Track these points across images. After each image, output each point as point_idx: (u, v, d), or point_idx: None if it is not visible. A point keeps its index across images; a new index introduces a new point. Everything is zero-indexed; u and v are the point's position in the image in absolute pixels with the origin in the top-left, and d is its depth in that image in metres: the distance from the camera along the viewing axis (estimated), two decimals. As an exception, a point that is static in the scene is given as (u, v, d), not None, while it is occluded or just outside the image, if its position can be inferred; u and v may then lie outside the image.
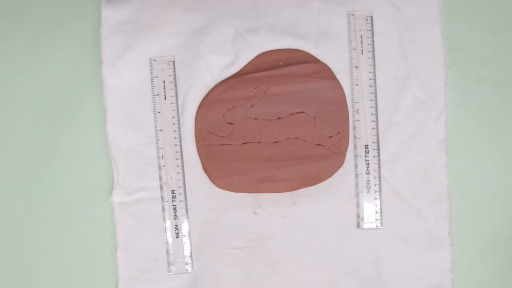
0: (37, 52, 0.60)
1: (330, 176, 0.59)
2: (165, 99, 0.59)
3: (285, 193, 0.59)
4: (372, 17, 0.58)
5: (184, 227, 0.59)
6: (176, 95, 0.59)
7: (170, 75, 0.59)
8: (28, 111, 0.60)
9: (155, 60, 0.59)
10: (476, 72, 0.59)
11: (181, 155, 0.59)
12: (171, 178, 0.59)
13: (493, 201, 0.59)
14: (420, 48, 0.58)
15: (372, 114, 0.59)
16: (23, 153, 0.60)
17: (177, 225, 0.59)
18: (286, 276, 0.59)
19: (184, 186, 0.59)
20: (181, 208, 0.59)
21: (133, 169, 0.59)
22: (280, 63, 0.58)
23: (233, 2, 0.59)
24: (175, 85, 0.59)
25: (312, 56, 0.58)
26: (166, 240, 0.59)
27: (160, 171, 0.59)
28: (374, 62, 0.58)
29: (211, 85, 0.59)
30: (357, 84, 0.58)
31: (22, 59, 0.60)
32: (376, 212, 0.59)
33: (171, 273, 0.59)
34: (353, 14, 0.58)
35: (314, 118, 0.58)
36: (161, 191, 0.59)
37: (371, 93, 0.58)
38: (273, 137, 0.59)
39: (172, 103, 0.59)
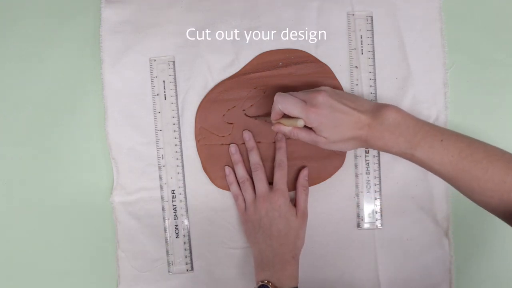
0: (37, 52, 0.60)
1: (330, 176, 0.59)
2: (165, 99, 0.59)
3: (285, 193, 0.59)
4: (372, 17, 0.58)
5: (184, 227, 0.59)
6: (176, 95, 0.59)
7: (170, 75, 0.59)
8: (28, 111, 0.60)
9: (155, 60, 0.59)
10: (476, 72, 0.59)
11: (181, 155, 0.59)
12: (171, 178, 0.59)
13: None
14: (420, 48, 0.58)
15: (372, 114, 0.58)
16: (23, 153, 0.60)
17: (177, 225, 0.59)
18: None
19: (184, 186, 0.59)
20: (181, 208, 0.59)
21: (133, 169, 0.59)
22: (280, 63, 0.58)
23: (233, 2, 0.59)
24: (175, 85, 0.59)
25: (312, 56, 0.58)
26: (166, 240, 0.59)
27: (160, 171, 0.59)
28: (374, 62, 0.58)
29: (211, 85, 0.59)
30: (357, 84, 0.58)
31: (22, 60, 0.60)
32: (376, 212, 0.59)
33: (171, 273, 0.60)
34: (353, 14, 0.58)
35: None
36: (161, 191, 0.59)
37: (371, 93, 0.58)
38: (273, 137, 0.59)
39: (172, 103, 0.59)
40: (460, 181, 0.46)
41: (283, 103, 0.50)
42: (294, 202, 0.57)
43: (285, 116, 0.52)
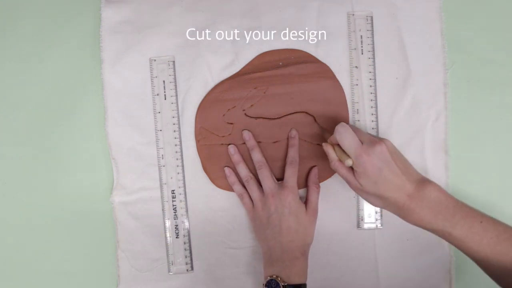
0: (37, 53, 0.60)
1: (330, 176, 0.59)
2: (165, 99, 0.59)
3: (285, 193, 0.59)
4: (372, 17, 0.58)
5: (184, 227, 0.59)
6: (176, 95, 0.59)
7: (170, 75, 0.59)
8: (28, 111, 0.60)
9: (155, 60, 0.59)
10: (476, 72, 0.59)
11: (181, 155, 0.59)
12: (171, 178, 0.59)
13: (493, 201, 0.59)
14: (420, 48, 0.58)
15: (372, 114, 0.58)
16: (23, 153, 0.60)
17: (177, 225, 0.59)
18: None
19: (184, 186, 0.59)
20: (181, 208, 0.59)
21: (133, 169, 0.59)
22: (280, 63, 0.58)
23: (233, 2, 0.59)
24: (175, 85, 0.59)
25: (312, 56, 0.58)
26: (166, 240, 0.59)
27: (160, 171, 0.59)
28: (374, 62, 0.58)
29: (211, 85, 0.59)
30: (357, 84, 0.58)
31: (22, 60, 0.60)
32: (376, 212, 0.59)
33: (171, 273, 0.60)
34: (353, 14, 0.58)
35: (314, 118, 0.58)
36: (161, 191, 0.59)
37: (371, 93, 0.58)
38: (273, 137, 0.59)
39: (172, 103, 0.59)
40: (496, 264, 0.46)
41: (341, 136, 0.50)
42: (303, 199, 0.57)
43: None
